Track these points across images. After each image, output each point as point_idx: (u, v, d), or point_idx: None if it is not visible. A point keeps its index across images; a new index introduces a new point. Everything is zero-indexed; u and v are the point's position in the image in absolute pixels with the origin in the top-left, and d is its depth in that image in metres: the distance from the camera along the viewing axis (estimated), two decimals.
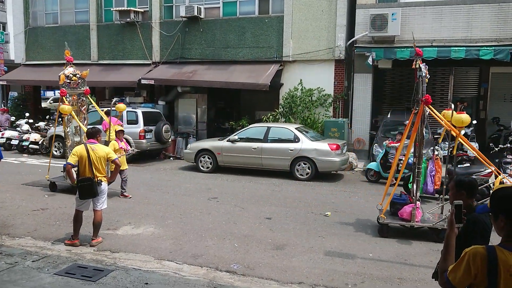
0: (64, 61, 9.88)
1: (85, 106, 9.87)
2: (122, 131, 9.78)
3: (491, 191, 2.72)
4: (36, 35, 19.29)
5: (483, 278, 2.10)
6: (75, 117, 9.40)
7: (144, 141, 14.02)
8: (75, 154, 6.20)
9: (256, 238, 6.83)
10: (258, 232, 7.16)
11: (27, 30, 19.37)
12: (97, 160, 6.27)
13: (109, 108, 10.75)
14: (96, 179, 6.24)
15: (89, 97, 10.23)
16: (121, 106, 10.47)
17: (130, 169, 9.67)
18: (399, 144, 10.92)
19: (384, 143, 11.34)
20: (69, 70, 9.55)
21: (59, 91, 9.91)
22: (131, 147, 9.66)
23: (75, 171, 6.46)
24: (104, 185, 6.41)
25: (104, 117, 10.55)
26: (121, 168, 8.66)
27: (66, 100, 9.37)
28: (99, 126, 8.32)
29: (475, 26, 12.93)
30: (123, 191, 9.39)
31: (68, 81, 9.46)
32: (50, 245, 6.33)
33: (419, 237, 6.99)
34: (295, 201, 9.31)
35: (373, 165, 11.45)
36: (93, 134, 6.50)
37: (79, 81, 9.63)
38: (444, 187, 7.58)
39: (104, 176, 6.42)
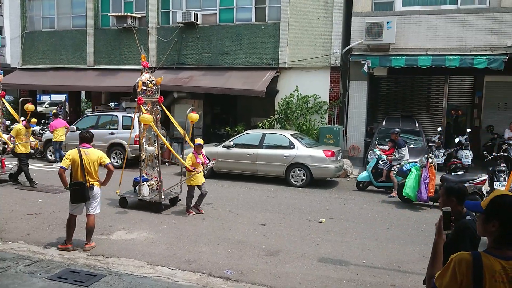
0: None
1: (159, 115, 9.29)
2: (201, 145, 8.91)
3: (484, 199, 2.75)
4: (32, 40, 19.29)
5: (469, 284, 2.12)
6: (156, 129, 8.84)
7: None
8: (68, 158, 6.19)
9: (250, 244, 6.83)
10: (252, 238, 7.16)
11: (24, 35, 19.37)
12: (90, 165, 6.25)
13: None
14: (88, 184, 6.23)
15: (163, 107, 9.53)
16: (194, 116, 9.31)
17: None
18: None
19: (375, 150, 11.37)
20: (146, 76, 8.84)
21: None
22: (209, 161, 9.12)
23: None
24: (97, 190, 6.40)
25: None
26: (198, 183, 8.59)
27: (144, 108, 8.65)
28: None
29: (470, 35, 13.05)
30: (198, 205, 8.70)
31: (145, 88, 8.74)
32: (42, 250, 6.30)
33: (414, 244, 7.00)
34: (290, 207, 9.32)
35: (364, 177, 11.35)
36: (87, 139, 6.46)
37: (154, 88, 8.93)
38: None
39: (97, 181, 6.40)
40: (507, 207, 2.17)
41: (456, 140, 13.20)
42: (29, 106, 11.93)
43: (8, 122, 18.41)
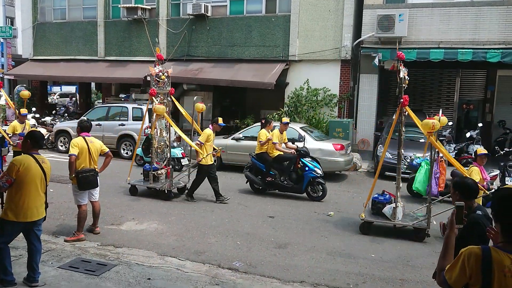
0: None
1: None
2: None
3: None
4: (44, 31, 19.40)
5: (478, 278, 2.13)
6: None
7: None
8: (76, 145, 6.27)
9: (258, 236, 6.85)
10: (260, 230, 7.18)
11: (35, 26, 19.48)
12: (94, 152, 6.42)
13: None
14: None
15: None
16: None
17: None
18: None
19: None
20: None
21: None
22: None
23: None
24: (98, 176, 6.60)
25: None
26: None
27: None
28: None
29: (483, 29, 12.87)
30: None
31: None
32: (54, 239, 6.38)
33: (404, 236, 6.97)
34: (298, 200, 9.32)
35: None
36: (87, 128, 6.63)
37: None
38: None
39: (97, 168, 6.56)
40: (505, 199, 2.18)
41: (467, 134, 13.07)
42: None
43: None
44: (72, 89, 29.48)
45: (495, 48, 12.57)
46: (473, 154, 9.28)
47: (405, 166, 10.73)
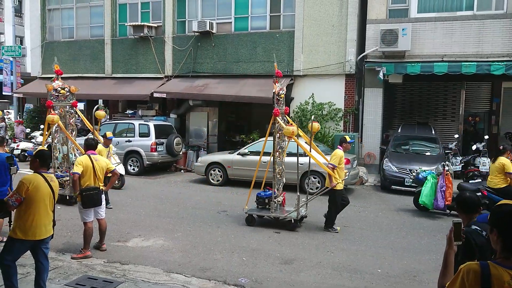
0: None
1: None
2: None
3: None
4: (52, 49, 19.73)
5: None
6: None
7: (155, 153, 14.16)
8: (80, 164, 6.37)
9: (264, 252, 6.85)
10: (266, 246, 7.18)
11: (44, 44, 19.84)
12: (99, 170, 6.50)
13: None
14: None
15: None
16: (101, 113, 10.71)
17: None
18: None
19: None
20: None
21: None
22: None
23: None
24: (103, 194, 6.71)
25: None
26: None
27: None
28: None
29: (486, 41, 12.92)
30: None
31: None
32: (61, 256, 6.42)
33: (430, 252, 6.94)
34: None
35: None
36: (93, 146, 6.75)
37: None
38: None
39: (102, 186, 6.66)
40: (504, 216, 2.19)
41: (474, 147, 13.02)
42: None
43: (28, 130, 18.85)
44: (80, 106, 29.78)
45: (499, 61, 12.59)
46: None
47: (411, 180, 10.71)
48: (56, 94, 9.85)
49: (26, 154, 16.08)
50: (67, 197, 9.51)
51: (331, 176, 7.88)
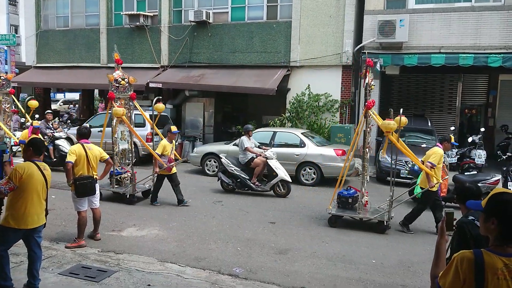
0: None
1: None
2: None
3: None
4: (47, 38, 19.54)
5: (471, 282, 2.13)
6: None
7: (151, 144, 14.05)
8: (73, 153, 6.32)
9: (259, 242, 6.85)
10: (261, 236, 7.18)
11: (39, 33, 19.62)
12: (93, 159, 6.45)
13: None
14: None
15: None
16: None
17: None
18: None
19: None
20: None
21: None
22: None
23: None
24: (97, 183, 6.64)
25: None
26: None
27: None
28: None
29: (484, 33, 12.87)
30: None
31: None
32: (55, 245, 6.40)
33: (425, 244, 6.96)
34: (300, 206, 9.31)
35: None
36: (86, 135, 6.70)
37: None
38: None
39: (96, 175, 6.60)
40: (505, 204, 2.17)
41: (470, 139, 13.04)
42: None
43: (23, 120, 18.70)
44: (75, 96, 29.64)
45: (497, 53, 12.56)
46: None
47: (406, 171, 10.71)
48: (117, 85, 9.16)
49: (19, 142, 15.94)
50: (127, 196, 8.97)
51: (429, 175, 7.20)
